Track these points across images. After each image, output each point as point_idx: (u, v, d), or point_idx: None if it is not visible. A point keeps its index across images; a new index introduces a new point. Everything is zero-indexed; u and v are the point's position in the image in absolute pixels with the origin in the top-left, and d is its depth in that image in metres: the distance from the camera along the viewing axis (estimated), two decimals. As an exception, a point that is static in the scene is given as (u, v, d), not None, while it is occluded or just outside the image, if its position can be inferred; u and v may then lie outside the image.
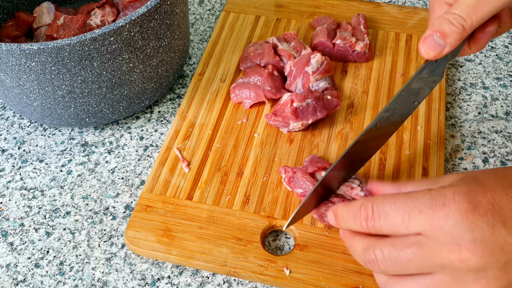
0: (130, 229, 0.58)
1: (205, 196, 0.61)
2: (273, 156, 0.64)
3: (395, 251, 0.43)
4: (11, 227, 0.61)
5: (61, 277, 0.57)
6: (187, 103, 0.70)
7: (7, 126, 0.71)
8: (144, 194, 0.61)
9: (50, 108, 0.63)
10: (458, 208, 0.41)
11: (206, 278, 0.57)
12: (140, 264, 0.58)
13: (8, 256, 0.59)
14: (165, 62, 0.66)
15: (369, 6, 0.82)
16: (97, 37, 0.55)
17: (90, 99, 0.62)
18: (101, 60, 0.57)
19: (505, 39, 0.80)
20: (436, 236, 0.41)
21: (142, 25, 0.58)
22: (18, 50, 0.54)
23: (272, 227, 0.59)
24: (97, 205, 0.63)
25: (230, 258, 0.56)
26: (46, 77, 0.57)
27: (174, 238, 0.57)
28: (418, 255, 0.42)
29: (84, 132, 0.70)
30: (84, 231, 0.61)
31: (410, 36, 0.77)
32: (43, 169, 0.66)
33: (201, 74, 0.73)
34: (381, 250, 0.44)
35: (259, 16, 0.81)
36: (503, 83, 0.74)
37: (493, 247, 0.40)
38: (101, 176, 0.65)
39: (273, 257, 0.56)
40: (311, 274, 0.54)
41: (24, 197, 0.64)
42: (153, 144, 0.68)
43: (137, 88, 0.64)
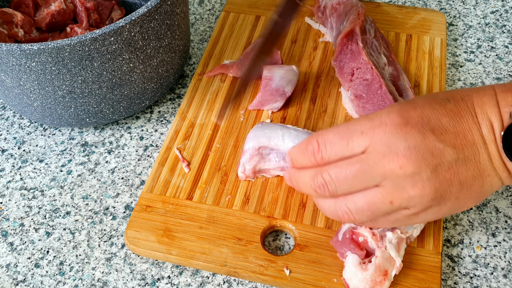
0: (130, 229, 0.58)
1: (205, 196, 0.61)
2: (273, 156, 0.64)
3: (341, 171, 0.48)
4: (11, 227, 0.61)
5: (61, 277, 0.57)
6: (187, 103, 0.70)
7: (7, 126, 0.71)
8: (144, 194, 0.61)
9: (50, 108, 0.63)
10: (393, 123, 0.46)
11: (206, 278, 0.57)
12: (140, 264, 0.58)
13: (8, 256, 0.59)
14: (166, 62, 0.66)
15: (369, 6, 0.82)
16: (97, 37, 0.55)
17: (91, 99, 0.62)
18: (101, 60, 0.58)
19: (505, 39, 0.80)
20: (376, 149, 0.46)
21: (143, 25, 0.58)
22: (18, 50, 0.54)
23: (272, 227, 0.59)
24: (97, 205, 0.63)
25: (230, 258, 0.56)
26: (46, 77, 0.57)
27: (174, 238, 0.57)
28: (362, 169, 0.47)
29: (84, 132, 0.70)
30: (84, 231, 0.61)
31: (410, 36, 0.77)
32: (43, 169, 0.66)
33: (201, 74, 0.73)
34: (328, 173, 0.48)
35: (259, 16, 0.81)
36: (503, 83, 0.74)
37: (424, 152, 0.45)
38: (101, 176, 0.65)
39: (273, 257, 0.56)
40: (311, 274, 0.54)
41: (24, 197, 0.64)
42: (153, 144, 0.68)
43: (137, 88, 0.64)
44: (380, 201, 0.47)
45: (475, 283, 0.56)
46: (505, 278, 0.56)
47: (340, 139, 0.48)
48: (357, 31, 0.67)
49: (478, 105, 0.47)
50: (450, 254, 0.58)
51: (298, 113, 0.68)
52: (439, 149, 0.46)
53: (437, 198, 0.46)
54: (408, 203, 0.47)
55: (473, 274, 0.56)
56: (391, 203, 0.47)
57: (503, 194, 0.63)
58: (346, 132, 0.48)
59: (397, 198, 0.47)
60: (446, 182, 0.46)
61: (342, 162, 0.48)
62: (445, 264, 0.57)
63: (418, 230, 0.56)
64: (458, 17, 0.84)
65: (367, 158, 0.47)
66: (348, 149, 0.48)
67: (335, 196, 0.50)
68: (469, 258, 0.58)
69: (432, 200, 0.46)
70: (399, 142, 0.46)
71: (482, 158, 0.46)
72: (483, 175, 0.46)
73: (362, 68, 0.66)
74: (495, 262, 0.57)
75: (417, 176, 0.45)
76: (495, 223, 0.60)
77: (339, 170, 0.48)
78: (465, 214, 0.61)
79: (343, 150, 0.48)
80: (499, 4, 0.85)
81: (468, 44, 0.79)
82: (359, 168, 0.47)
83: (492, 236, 0.59)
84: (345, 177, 0.48)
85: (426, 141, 0.46)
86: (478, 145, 0.46)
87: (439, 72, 0.72)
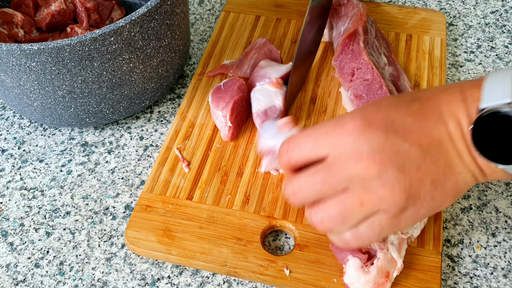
0: (130, 229, 0.58)
1: (205, 196, 0.61)
2: (273, 156, 0.64)
3: (309, 178, 0.47)
4: (11, 227, 0.61)
5: (61, 277, 0.57)
6: (187, 103, 0.70)
7: (7, 126, 0.71)
8: (144, 194, 0.61)
9: (50, 108, 0.63)
10: (356, 125, 0.46)
11: (206, 278, 0.57)
12: (140, 264, 0.58)
13: (8, 256, 0.59)
14: (166, 62, 0.66)
15: (369, 6, 0.82)
16: (97, 37, 0.55)
17: (91, 99, 0.62)
18: (101, 60, 0.58)
19: (505, 39, 0.80)
20: (341, 153, 0.46)
21: (143, 25, 0.58)
22: (18, 50, 0.54)
23: (272, 227, 0.59)
24: (97, 205, 0.63)
25: (230, 258, 0.56)
26: (46, 77, 0.57)
27: (174, 238, 0.57)
28: (329, 175, 0.46)
29: (84, 132, 0.70)
30: (84, 231, 0.61)
31: (410, 36, 0.77)
32: (43, 169, 0.66)
33: (201, 74, 0.73)
34: (297, 181, 0.48)
35: (259, 16, 0.81)
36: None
37: (389, 153, 0.45)
38: (101, 176, 0.65)
39: (273, 257, 0.56)
40: (311, 274, 0.54)
41: (24, 197, 0.64)
42: (153, 144, 0.68)
43: (137, 88, 0.64)
44: (351, 204, 0.46)
45: (475, 283, 0.56)
46: (505, 278, 0.56)
47: (306, 141, 0.48)
48: (360, 31, 0.68)
49: (444, 103, 0.46)
50: (450, 254, 0.58)
51: (298, 113, 0.68)
52: (404, 149, 0.45)
53: (410, 197, 0.45)
54: (380, 204, 0.46)
55: (473, 274, 0.56)
56: (361, 205, 0.46)
57: (503, 194, 0.63)
58: (312, 134, 0.48)
59: (368, 199, 0.46)
60: (417, 181, 0.45)
61: (309, 169, 0.48)
62: (445, 264, 0.57)
63: (418, 230, 0.56)
64: (458, 17, 0.84)
65: (332, 164, 0.46)
66: (313, 151, 0.48)
67: (308, 205, 0.49)
68: (469, 258, 0.58)
69: (406, 200, 0.45)
70: (362, 144, 0.45)
71: (451, 156, 0.45)
72: (455, 173, 0.46)
73: (363, 68, 0.66)
74: (495, 262, 0.57)
75: (384, 176, 0.45)
76: (495, 223, 0.60)
77: (307, 177, 0.48)
78: (465, 214, 0.61)
79: (308, 152, 0.48)
80: (499, 4, 0.85)
81: (468, 44, 0.79)
82: (326, 174, 0.46)
83: (492, 236, 0.59)
84: (312, 185, 0.47)
85: (389, 142, 0.45)
86: (445, 142, 0.45)
87: (439, 72, 0.72)
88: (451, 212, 0.61)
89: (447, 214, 0.61)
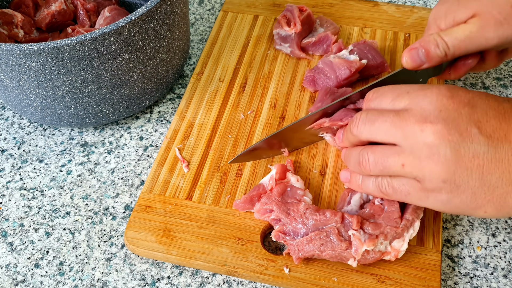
0: (129, 229, 0.58)
1: (204, 196, 0.61)
2: (272, 156, 0.64)
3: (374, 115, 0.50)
4: (11, 227, 0.61)
5: (61, 277, 0.57)
6: (186, 103, 0.70)
7: (7, 126, 0.71)
8: (143, 194, 0.61)
9: (50, 108, 0.63)
10: (438, 92, 0.46)
11: (206, 278, 0.57)
12: (140, 264, 0.58)
13: (8, 256, 0.59)
14: (165, 62, 0.66)
15: (367, 5, 0.82)
16: (97, 37, 0.55)
17: (90, 99, 0.62)
18: (101, 60, 0.57)
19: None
20: (412, 109, 0.47)
21: (142, 25, 0.58)
22: (18, 50, 0.54)
23: (272, 226, 0.59)
24: (97, 205, 0.63)
25: (230, 258, 0.56)
26: (46, 77, 0.57)
27: (174, 238, 0.57)
28: (390, 121, 0.47)
29: (84, 132, 0.70)
30: (84, 231, 0.61)
31: (408, 35, 0.77)
32: (43, 169, 0.66)
33: (199, 74, 0.73)
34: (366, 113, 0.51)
35: (257, 16, 0.81)
36: (503, 83, 0.74)
37: (452, 128, 0.44)
38: (101, 176, 0.65)
39: (273, 256, 0.56)
40: (311, 273, 0.54)
41: (24, 197, 0.64)
42: (153, 144, 0.68)
43: (137, 88, 0.64)
44: (393, 161, 0.47)
45: (475, 283, 0.56)
46: (505, 278, 0.56)
47: (389, 93, 0.50)
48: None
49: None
50: (450, 254, 0.58)
51: (297, 113, 0.68)
52: (470, 132, 0.44)
53: (450, 182, 0.44)
54: (419, 173, 0.45)
55: (473, 274, 0.56)
56: (402, 166, 0.46)
57: (502, 194, 0.63)
58: (397, 89, 0.50)
59: (410, 163, 0.46)
60: (465, 169, 0.44)
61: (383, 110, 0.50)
62: (445, 264, 0.57)
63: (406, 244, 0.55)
64: (457, 17, 0.84)
65: (401, 113, 0.47)
66: (391, 104, 0.49)
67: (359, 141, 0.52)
68: (469, 258, 0.58)
69: (444, 182, 0.45)
70: (432, 110, 0.45)
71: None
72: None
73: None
74: (495, 262, 0.57)
75: (435, 148, 0.44)
76: (495, 223, 0.60)
77: (374, 113, 0.50)
78: (465, 213, 0.61)
79: (386, 103, 0.50)
80: (498, 4, 0.85)
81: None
82: (388, 119, 0.48)
83: (492, 236, 0.59)
84: (373, 120, 0.49)
85: (459, 120, 0.44)
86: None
87: (438, 72, 0.72)
88: (451, 211, 0.61)
89: (447, 214, 0.61)
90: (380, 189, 0.51)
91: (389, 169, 0.48)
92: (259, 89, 0.71)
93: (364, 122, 0.50)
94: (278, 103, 0.69)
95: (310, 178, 0.62)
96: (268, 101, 0.70)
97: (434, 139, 0.44)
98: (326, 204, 0.59)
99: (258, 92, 0.71)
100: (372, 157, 0.49)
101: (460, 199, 0.45)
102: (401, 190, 0.49)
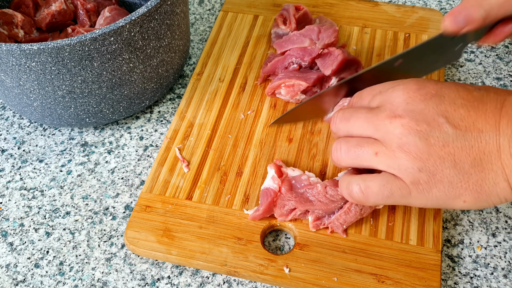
0: (129, 229, 0.58)
1: (204, 196, 0.61)
2: (272, 156, 0.64)
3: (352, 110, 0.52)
4: (11, 227, 0.61)
5: (61, 277, 0.57)
6: (186, 103, 0.70)
7: (7, 126, 0.71)
8: (143, 194, 0.61)
9: (50, 108, 0.63)
10: (406, 87, 0.48)
11: (206, 278, 0.57)
12: (140, 264, 0.58)
13: (8, 256, 0.59)
14: (165, 62, 0.66)
15: (367, 5, 0.82)
16: (97, 37, 0.55)
17: (90, 99, 0.62)
18: (101, 60, 0.57)
19: (505, 39, 0.80)
20: (383, 105, 0.49)
21: (142, 25, 0.58)
22: (18, 50, 0.54)
23: (272, 226, 0.59)
24: (97, 205, 0.63)
25: (230, 258, 0.56)
26: (46, 77, 0.57)
27: (174, 238, 0.57)
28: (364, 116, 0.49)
29: (84, 132, 0.70)
30: (84, 231, 0.61)
31: (408, 35, 0.77)
32: (43, 169, 0.66)
33: (199, 74, 0.73)
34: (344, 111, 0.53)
35: (257, 16, 0.81)
36: (503, 83, 0.74)
37: (420, 119, 0.46)
38: (101, 176, 0.65)
39: (273, 256, 0.56)
40: (311, 273, 0.54)
41: (24, 197, 0.64)
42: (153, 144, 0.68)
43: (137, 88, 0.64)
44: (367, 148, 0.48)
45: (475, 283, 0.56)
46: (505, 278, 0.56)
47: (366, 96, 0.52)
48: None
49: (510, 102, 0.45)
50: (450, 254, 0.58)
51: (298, 113, 0.68)
52: (437, 121, 0.45)
53: (425, 170, 0.45)
54: (393, 162, 0.46)
55: (473, 274, 0.56)
56: (376, 154, 0.47)
57: (502, 194, 0.63)
58: (373, 90, 0.52)
59: (383, 152, 0.47)
60: (437, 157, 0.45)
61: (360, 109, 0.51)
62: (445, 264, 0.57)
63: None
64: (458, 17, 0.84)
65: (373, 111, 0.49)
66: (367, 104, 0.51)
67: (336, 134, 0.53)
68: (469, 258, 0.58)
69: (420, 170, 0.45)
70: (401, 103, 0.47)
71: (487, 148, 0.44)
72: (485, 168, 0.44)
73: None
74: (495, 262, 0.57)
75: (404, 138, 0.45)
76: (495, 223, 0.60)
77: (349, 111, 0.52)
78: (465, 214, 0.61)
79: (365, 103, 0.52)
80: (498, 4, 0.85)
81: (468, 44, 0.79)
82: (361, 115, 0.50)
83: (492, 236, 0.59)
84: (348, 118, 0.51)
85: (427, 109, 0.46)
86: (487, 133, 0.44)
87: (437, 72, 0.72)
88: (451, 212, 0.61)
89: (447, 214, 0.61)
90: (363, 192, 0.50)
91: (362, 157, 0.49)
92: (259, 89, 0.71)
93: (341, 120, 0.52)
94: (278, 103, 0.69)
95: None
96: (268, 101, 0.70)
97: (402, 131, 0.46)
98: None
99: (258, 92, 0.71)
100: (345, 146, 0.50)
101: (438, 189, 0.46)
102: (383, 191, 0.48)
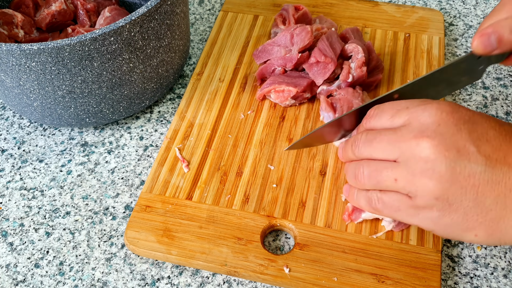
0: (130, 229, 0.58)
1: (204, 195, 0.61)
2: (272, 155, 0.64)
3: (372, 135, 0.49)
4: (11, 227, 0.61)
5: (61, 277, 0.57)
6: (186, 103, 0.70)
7: (7, 126, 0.71)
8: (143, 194, 0.61)
9: (50, 108, 0.63)
10: (438, 107, 0.45)
11: (206, 278, 0.57)
12: (140, 264, 0.58)
13: (8, 256, 0.59)
14: (165, 62, 0.66)
15: (367, 5, 0.82)
16: (97, 37, 0.55)
17: (90, 99, 0.62)
18: (101, 60, 0.58)
19: None
20: (411, 123, 0.46)
21: (142, 25, 0.58)
22: (18, 50, 0.54)
23: (272, 226, 0.59)
24: (97, 205, 0.63)
25: (230, 258, 0.56)
26: (46, 77, 0.57)
27: (174, 238, 0.57)
28: (388, 139, 0.47)
29: (84, 132, 0.70)
30: (84, 231, 0.61)
31: (408, 35, 0.77)
32: (43, 169, 0.66)
33: (199, 74, 0.73)
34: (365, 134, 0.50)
35: (257, 16, 0.81)
36: (503, 83, 0.74)
37: (450, 144, 0.43)
38: (101, 176, 0.65)
39: (273, 256, 0.56)
40: (311, 273, 0.54)
41: (24, 197, 0.64)
42: (153, 144, 0.68)
43: (137, 88, 0.64)
44: (387, 173, 0.46)
45: (475, 283, 0.56)
46: (505, 278, 0.56)
47: (389, 110, 0.49)
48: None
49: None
50: (450, 254, 0.58)
51: (297, 113, 0.68)
52: (468, 149, 0.43)
53: (443, 199, 0.43)
54: (411, 188, 0.44)
55: (473, 274, 0.56)
56: (395, 181, 0.45)
57: (502, 194, 0.62)
58: (397, 105, 0.48)
59: (403, 177, 0.45)
60: (459, 187, 0.43)
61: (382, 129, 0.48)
62: (445, 264, 0.57)
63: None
64: (458, 17, 0.84)
65: (399, 130, 0.46)
66: (389, 121, 0.48)
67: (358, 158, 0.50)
68: (469, 258, 0.58)
69: (436, 198, 0.43)
70: (431, 124, 0.44)
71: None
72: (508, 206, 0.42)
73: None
74: (495, 262, 0.57)
75: (430, 163, 0.43)
76: (495, 222, 0.60)
77: (373, 133, 0.49)
78: (465, 213, 0.61)
79: (385, 120, 0.49)
80: (498, 4, 0.85)
81: (468, 44, 0.79)
82: (384, 138, 0.47)
83: (492, 236, 0.59)
84: (370, 140, 0.48)
85: (458, 136, 0.43)
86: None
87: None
88: (451, 211, 0.61)
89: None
90: (371, 204, 0.50)
91: (382, 183, 0.47)
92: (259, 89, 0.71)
93: (364, 143, 0.49)
94: (278, 104, 0.69)
95: (310, 178, 0.62)
96: (268, 101, 0.70)
97: (429, 154, 0.43)
98: (326, 204, 0.59)
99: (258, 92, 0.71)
100: (367, 171, 0.49)
101: (451, 218, 0.44)
102: (391, 206, 0.48)
